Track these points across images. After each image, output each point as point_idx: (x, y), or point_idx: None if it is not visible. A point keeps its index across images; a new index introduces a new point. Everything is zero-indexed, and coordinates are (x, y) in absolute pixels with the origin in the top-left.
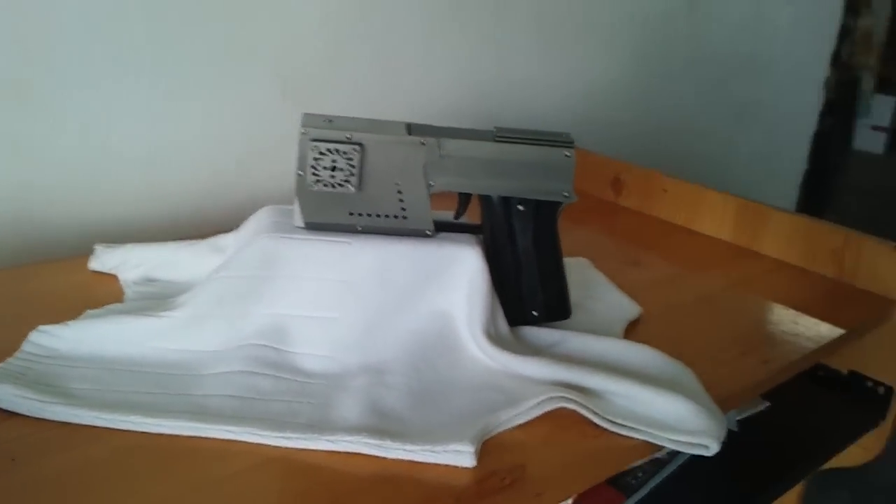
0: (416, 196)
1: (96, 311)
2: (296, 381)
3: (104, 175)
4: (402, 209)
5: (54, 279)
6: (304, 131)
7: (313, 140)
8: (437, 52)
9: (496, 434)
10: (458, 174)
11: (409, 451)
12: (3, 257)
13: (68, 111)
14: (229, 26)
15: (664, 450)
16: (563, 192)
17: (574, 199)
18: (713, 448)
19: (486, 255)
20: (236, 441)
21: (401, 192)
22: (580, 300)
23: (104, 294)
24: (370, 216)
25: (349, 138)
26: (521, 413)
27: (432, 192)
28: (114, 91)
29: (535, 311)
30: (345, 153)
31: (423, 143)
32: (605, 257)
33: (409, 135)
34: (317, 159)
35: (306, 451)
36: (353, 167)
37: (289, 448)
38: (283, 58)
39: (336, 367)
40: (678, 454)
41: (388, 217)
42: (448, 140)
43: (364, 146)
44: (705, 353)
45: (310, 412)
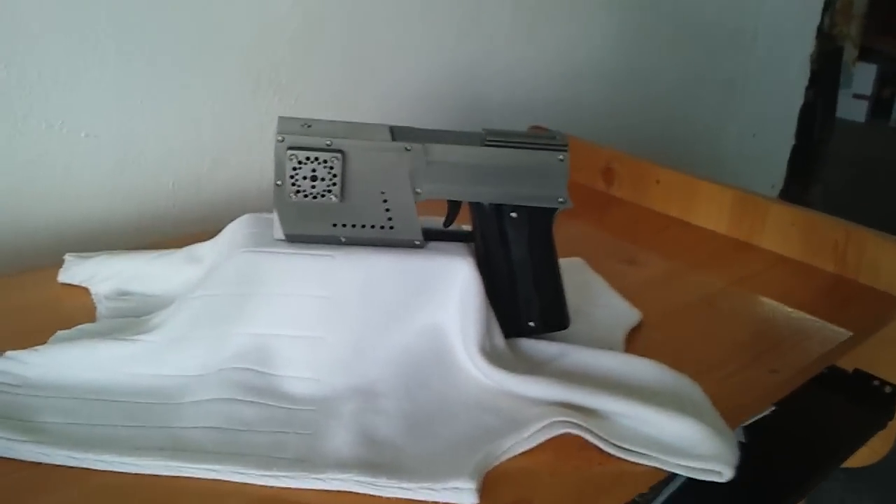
0: (403, 205)
1: (67, 332)
2: (281, 408)
3: (72, 174)
4: (389, 219)
5: (22, 293)
6: (281, 138)
7: (291, 148)
8: (417, 38)
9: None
10: (446, 181)
11: (405, 490)
12: None
13: (32, 107)
14: (197, 14)
15: None
16: (557, 198)
17: (570, 205)
18: (726, 475)
19: (478, 264)
20: (221, 480)
21: (386, 200)
22: (578, 305)
23: (75, 309)
24: (354, 227)
25: (329, 145)
26: (523, 440)
27: (419, 200)
28: (76, 85)
29: (531, 322)
30: (325, 161)
31: (407, 148)
32: (599, 255)
33: (393, 139)
34: (295, 169)
35: (297, 489)
36: (335, 176)
37: (278, 487)
38: (256, 45)
39: (323, 391)
40: None
41: (373, 227)
42: (434, 145)
43: (345, 153)
44: (710, 363)
45: (297, 444)
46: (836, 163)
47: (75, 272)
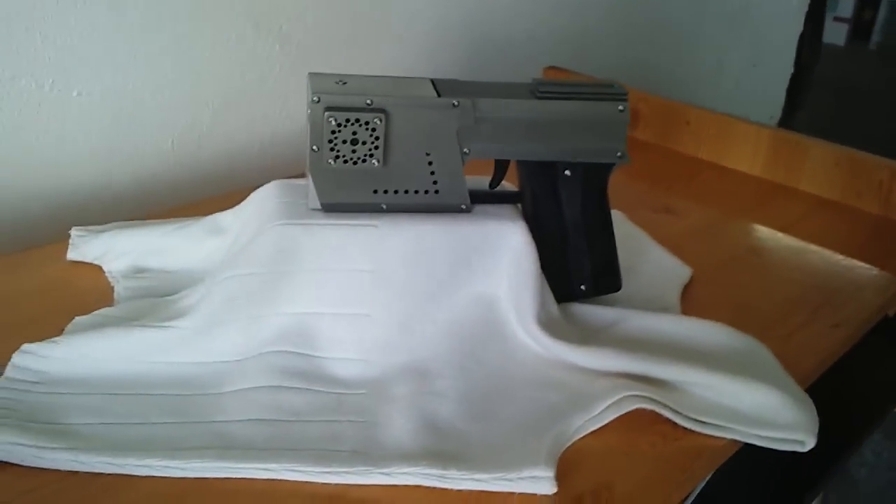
0: (449, 167)
1: (86, 318)
2: (331, 393)
3: (65, 137)
4: (434, 182)
5: (28, 274)
6: (317, 98)
7: (329, 109)
8: None
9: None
10: (496, 139)
11: (478, 482)
12: None
13: (20, 66)
14: None
15: None
16: (616, 152)
17: (628, 160)
18: (809, 444)
19: (528, 227)
20: (277, 480)
21: (431, 163)
22: (626, 263)
23: (88, 290)
24: (396, 193)
25: (370, 104)
26: (593, 419)
27: (467, 161)
28: (67, 40)
29: (582, 286)
30: (366, 123)
31: (455, 104)
32: (633, 205)
33: (438, 93)
34: (334, 132)
35: (360, 485)
36: (377, 139)
37: (339, 484)
38: None
39: (373, 372)
40: None
41: (417, 193)
42: (484, 100)
43: (388, 113)
44: (769, 320)
45: (354, 435)
46: (819, 88)
47: (86, 249)
